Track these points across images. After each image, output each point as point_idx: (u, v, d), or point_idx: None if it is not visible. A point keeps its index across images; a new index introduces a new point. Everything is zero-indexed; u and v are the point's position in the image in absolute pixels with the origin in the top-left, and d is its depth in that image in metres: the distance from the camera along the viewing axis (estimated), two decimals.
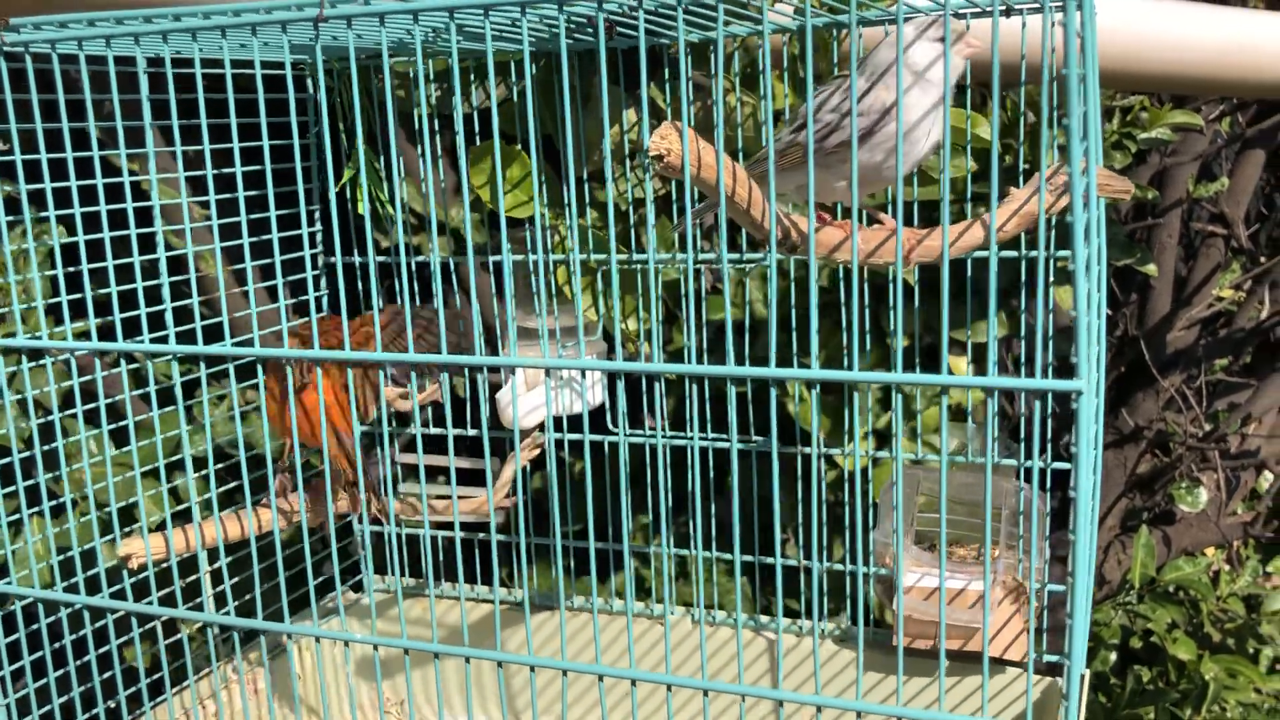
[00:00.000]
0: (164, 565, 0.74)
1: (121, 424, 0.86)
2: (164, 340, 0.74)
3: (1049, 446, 0.78)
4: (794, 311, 0.92)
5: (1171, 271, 1.73)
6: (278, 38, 0.66)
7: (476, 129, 0.95)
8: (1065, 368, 1.51)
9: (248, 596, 0.90)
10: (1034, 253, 0.91)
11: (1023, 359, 0.97)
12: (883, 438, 1.17)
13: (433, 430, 1.04)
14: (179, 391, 0.77)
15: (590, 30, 0.79)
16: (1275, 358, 1.80)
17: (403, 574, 1.08)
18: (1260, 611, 1.75)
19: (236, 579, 0.92)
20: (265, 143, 0.72)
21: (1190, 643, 1.67)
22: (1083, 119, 0.65)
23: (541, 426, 0.95)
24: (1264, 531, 1.85)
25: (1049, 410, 0.72)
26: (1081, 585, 0.47)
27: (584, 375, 0.90)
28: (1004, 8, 0.71)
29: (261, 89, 0.69)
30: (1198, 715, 1.63)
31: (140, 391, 1.07)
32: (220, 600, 0.88)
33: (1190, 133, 1.57)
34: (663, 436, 0.88)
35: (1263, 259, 1.74)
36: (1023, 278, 0.91)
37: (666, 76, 0.89)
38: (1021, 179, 0.94)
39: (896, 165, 0.54)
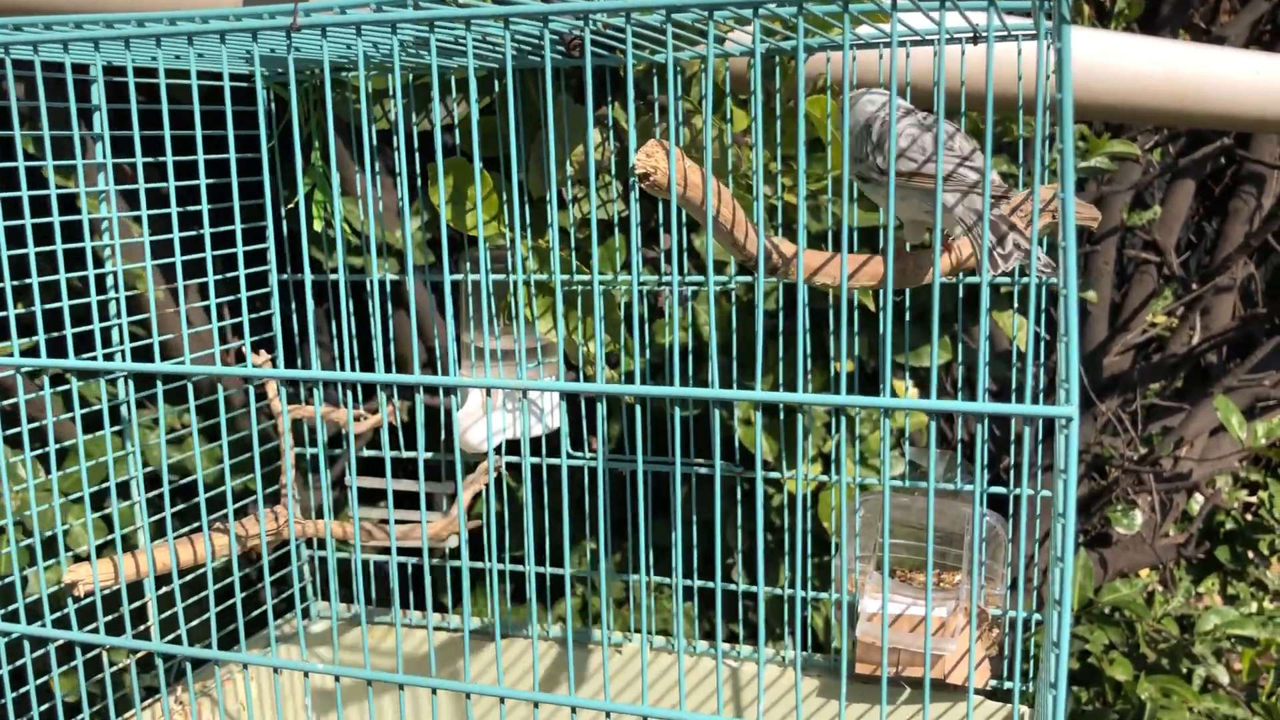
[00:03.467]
0: (109, 591, 0.70)
1: (60, 445, 0.82)
2: (108, 359, 0.71)
3: (1038, 473, 0.78)
4: (736, 336, 0.91)
5: (1108, 297, 1.76)
6: (234, 48, 0.64)
7: (439, 146, 0.93)
8: (1003, 391, 1.53)
9: (195, 622, 0.87)
10: (973, 279, 0.91)
11: (960, 383, 0.98)
12: (828, 461, 1.18)
13: (389, 453, 1.02)
14: (132, 412, 0.74)
15: (560, 48, 0.78)
16: (1206, 382, 1.84)
17: (353, 600, 1.05)
18: (1193, 632, 1.79)
19: (168, 611, 0.89)
20: (233, 155, 0.70)
21: (1127, 663, 1.70)
22: (1047, 145, 0.66)
23: (498, 450, 0.93)
24: (1196, 553, 1.89)
25: (1013, 434, 0.72)
26: (1066, 612, 0.46)
27: (540, 397, 0.88)
28: (971, 36, 0.72)
29: (228, 101, 0.67)
30: None
31: (87, 410, 1.03)
32: (169, 625, 0.85)
33: (1126, 162, 1.60)
34: (643, 462, 0.86)
35: (1193, 286, 1.78)
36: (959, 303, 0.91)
37: (631, 97, 0.88)
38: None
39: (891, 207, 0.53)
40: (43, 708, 0.76)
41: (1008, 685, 0.89)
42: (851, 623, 0.86)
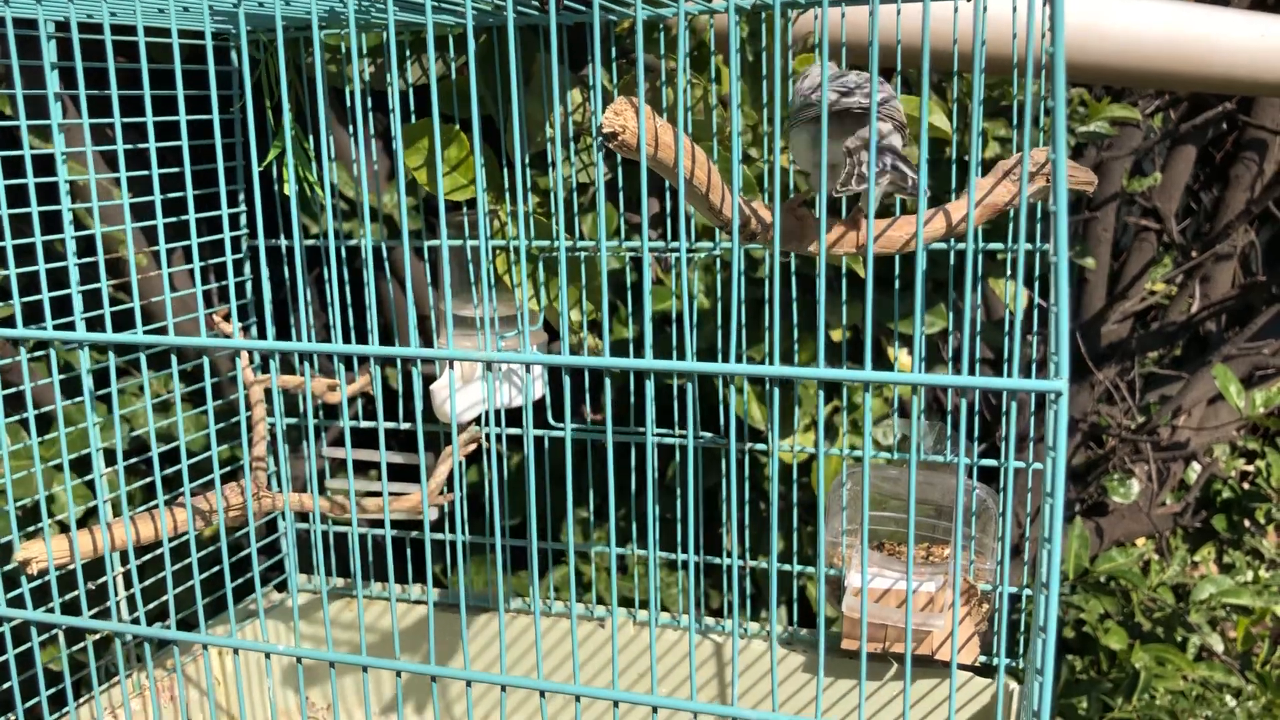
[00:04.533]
0: (69, 569, 0.68)
1: (24, 416, 0.80)
2: (71, 327, 0.68)
3: (1031, 445, 0.76)
4: (722, 303, 0.89)
5: (1106, 265, 1.74)
6: (198, 2, 0.61)
7: (411, 108, 0.90)
8: (998, 361, 1.51)
9: (164, 598, 0.85)
10: (964, 245, 0.89)
11: (950, 352, 0.95)
12: (828, 428, 1.15)
13: (363, 424, 1.00)
14: (85, 383, 0.71)
15: (535, 3, 0.75)
16: (1205, 351, 1.82)
17: (330, 574, 1.03)
18: (1189, 600, 1.78)
19: (150, 580, 0.87)
20: (183, 116, 0.67)
21: (1121, 632, 1.69)
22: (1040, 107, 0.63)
23: (478, 421, 0.91)
24: (1192, 522, 1.88)
25: (1006, 407, 0.70)
26: (1054, 596, 0.44)
27: (527, 369, 0.86)
28: None
29: (178, 58, 0.64)
30: (1128, 704, 1.65)
31: (45, 381, 1.01)
32: (133, 603, 0.83)
33: (1126, 127, 1.57)
34: (653, 434, 0.84)
35: (1193, 253, 1.76)
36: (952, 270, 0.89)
37: (613, 56, 0.85)
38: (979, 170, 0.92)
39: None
40: (3, 687, 0.74)
41: (998, 661, 0.87)
42: (839, 598, 0.84)
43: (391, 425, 0.99)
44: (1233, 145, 1.81)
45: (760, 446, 0.94)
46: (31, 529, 0.79)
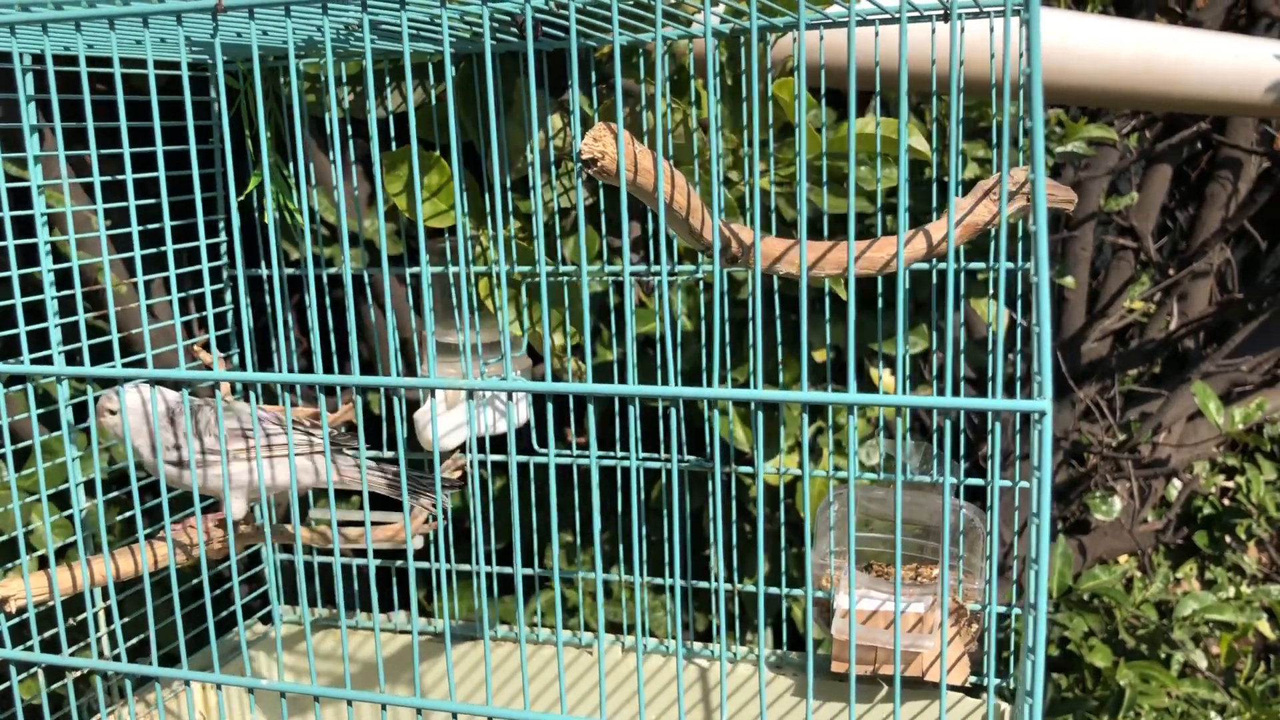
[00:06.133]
0: (48, 606, 0.67)
1: (1, 451, 0.79)
2: (50, 359, 0.68)
3: (1016, 463, 0.76)
4: (705, 325, 0.89)
5: (1085, 283, 1.75)
6: (175, 32, 0.60)
7: (392, 135, 0.90)
8: (983, 379, 1.51)
9: (144, 634, 0.83)
10: (945, 265, 0.89)
11: (938, 371, 0.96)
12: (812, 448, 1.15)
13: (346, 453, 0.99)
14: (62, 414, 0.71)
15: (514, 30, 0.75)
16: (1184, 368, 1.83)
17: (315, 604, 1.02)
18: (1172, 617, 1.78)
19: (130, 616, 0.86)
20: (159, 147, 0.66)
21: (1106, 650, 1.69)
22: (1020, 127, 0.63)
23: (463, 448, 0.90)
24: (1174, 538, 1.89)
25: (991, 427, 0.70)
26: (1041, 617, 0.44)
27: (509, 395, 0.85)
28: (942, 12, 0.69)
29: (154, 89, 0.63)
30: None
31: (23, 416, 1.00)
32: (113, 638, 0.82)
33: (1104, 147, 1.59)
34: (637, 459, 0.84)
35: (1170, 271, 1.77)
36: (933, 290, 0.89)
37: (593, 81, 0.85)
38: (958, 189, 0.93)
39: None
40: None
41: (988, 681, 0.87)
42: (827, 620, 0.84)
43: (375, 454, 0.98)
44: (1208, 164, 1.83)
45: (745, 469, 0.94)
46: (9, 565, 0.78)
